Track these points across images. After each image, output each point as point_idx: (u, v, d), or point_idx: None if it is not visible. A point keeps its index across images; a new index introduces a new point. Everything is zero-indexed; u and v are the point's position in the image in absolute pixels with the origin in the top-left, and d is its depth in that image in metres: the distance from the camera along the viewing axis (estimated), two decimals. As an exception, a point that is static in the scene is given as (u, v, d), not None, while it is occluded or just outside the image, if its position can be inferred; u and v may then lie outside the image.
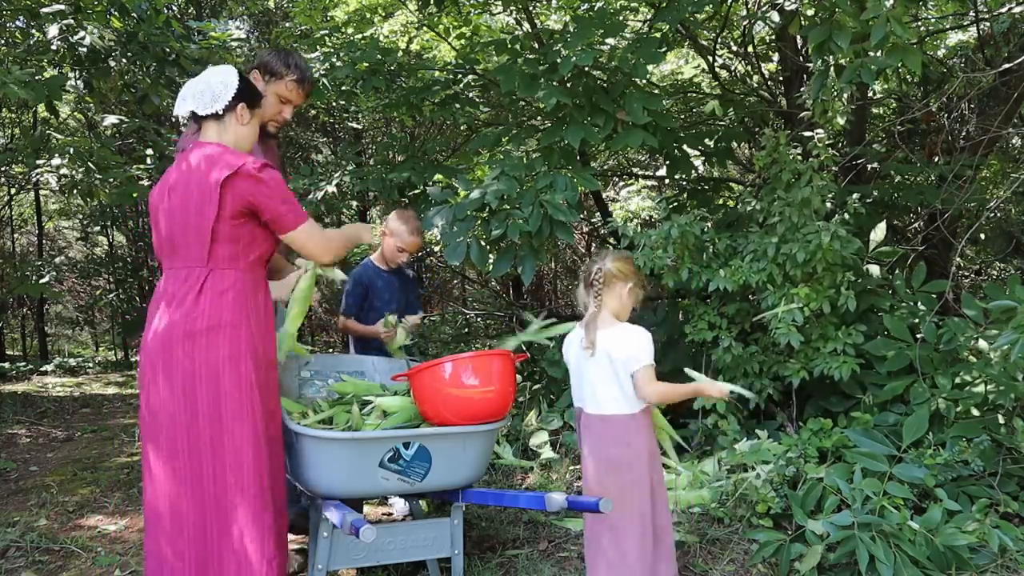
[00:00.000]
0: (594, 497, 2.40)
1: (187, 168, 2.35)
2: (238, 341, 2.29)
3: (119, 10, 5.52)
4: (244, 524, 2.25)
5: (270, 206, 2.32)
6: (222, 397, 2.26)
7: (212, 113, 2.40)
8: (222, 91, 2.40)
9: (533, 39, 4.78)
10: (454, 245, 3.73)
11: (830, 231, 3.34)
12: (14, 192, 10.94)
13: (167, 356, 2.27)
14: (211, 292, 2.29)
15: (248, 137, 2.48)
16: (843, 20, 3.23)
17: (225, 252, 2.31)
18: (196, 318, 2.27)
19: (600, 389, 2.45)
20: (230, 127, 2.43)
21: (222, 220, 2.29)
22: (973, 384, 3.29)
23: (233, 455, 2.26)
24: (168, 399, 2.27)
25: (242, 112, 2.43)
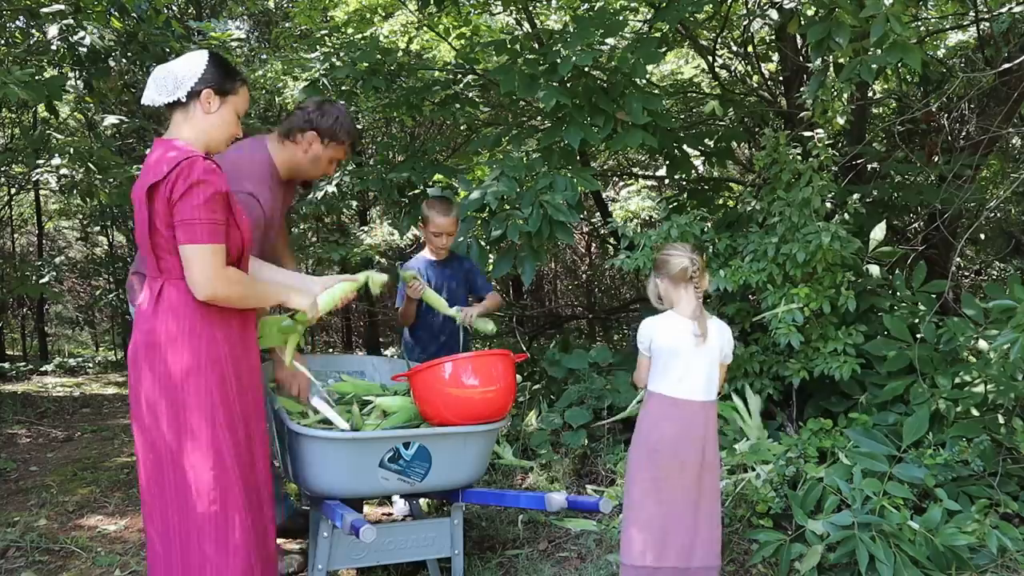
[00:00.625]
0: (594, 497, 2.41)
1: (142, 171, 2.19)
2: (198, 352, 2.14)
3: (119, 10, 5.52)
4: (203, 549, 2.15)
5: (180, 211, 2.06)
6: (181, 410, 2.14)
7: (174, 100, 2.19)
8: (185, 76, 2.18)
9: (533, 39, 4.78)
10: (455, 245, 3.73)
11: (830, 231, 3.34)
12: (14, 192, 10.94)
13: (136, 370, 2.20)
14: (166, 303, 2.15)
15: (219, 127, 2.25)
16: (842, 18, 3.23)
17: (173, 263, 2.13)
18: (154, 331, 2.15)
19: (713, 378, 2.54)
20: (195, 116, 2.21)
21: (156, 231, 2.11)
22: (973, 384, 3.29)
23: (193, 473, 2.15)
24: (137, 411, 2.22)
25: (208, 99, 2.20)
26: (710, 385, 2.52)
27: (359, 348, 10.27)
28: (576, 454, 3.95)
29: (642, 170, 8.15)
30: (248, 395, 2.28)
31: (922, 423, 3.05)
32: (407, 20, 6.32)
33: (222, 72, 2.25)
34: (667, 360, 2.51)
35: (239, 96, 2.30)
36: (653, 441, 2.50)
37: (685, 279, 2.51)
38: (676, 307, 2.55)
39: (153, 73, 2.24)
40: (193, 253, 2.08)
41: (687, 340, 2.49)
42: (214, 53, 2.28)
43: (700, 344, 2.49)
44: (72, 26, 5.17)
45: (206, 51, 2.27)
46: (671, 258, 2.55)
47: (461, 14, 5.68)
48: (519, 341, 6.21)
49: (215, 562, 2.16)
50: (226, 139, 2.31)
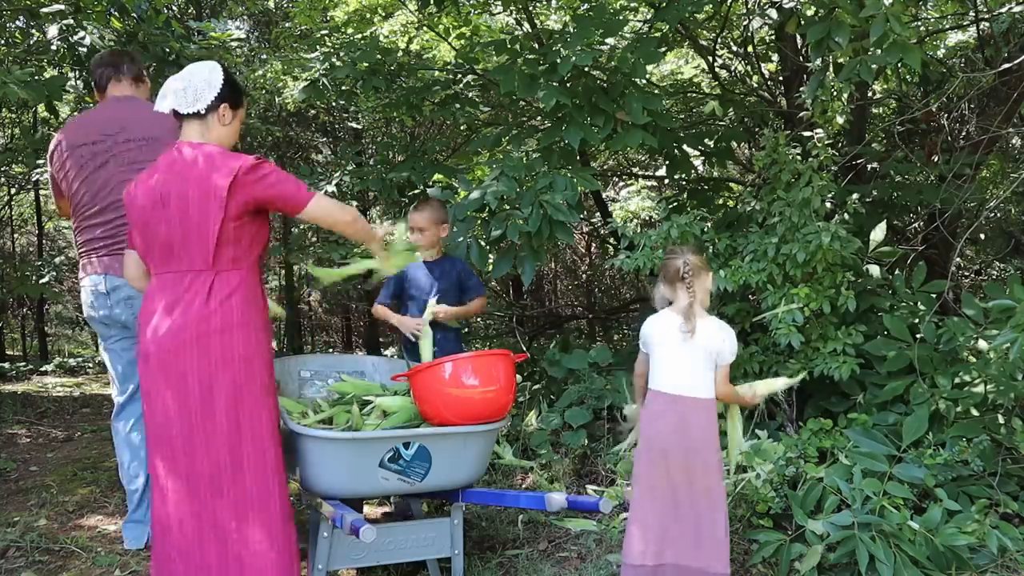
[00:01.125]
0: (594, 497, 2.41)
1: (180, 170, 2.29)
2: (249, 342, 2.30)
3: (119, 10, 5.52)
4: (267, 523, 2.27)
5: (278, 194, 2.30)
6: (239, 395, 2.27)
7: (194, 112, 2.35)
8: (204, 90, 2.35)
9: (533, 39, 4.78)
10: (454, 246, 3.73)
11: (830, 231, 3.34)
12: (14, 192, 10.93)
13: (177, 360, 2.25)
14: (219, 295, 2.28)
15: (230, 138, 2.44)
16: (842, 17, 3.23)
17: (229, 254, 2.30)
18: (208, 320, 2.26)
19: (699, 374, 2.55)
20: (212, 127, 2.38)
21: (227, 223, 2.26)
22: (972, 384, 3.29)
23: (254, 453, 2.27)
24: (179, 404, 2.26)
25: (224, 112, 2.38)
26: (696, 381, 2.55)
27: (359, 348, 10.27)
28: (576, 454, 3.95)
29: (642, 170, 8.15)
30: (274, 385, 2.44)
31: (922, 423, 3.05)
32: (407, 20, 6.32)
33: (235, 88, 2.45)
34: (657, 354, 2.60)
35: (242, 108, 2.51)
36: (646, 437, 2.56)
37: (678, 279, 2.59)
38: (672, 305, 2.63)
39: (170, 82, 2.38)
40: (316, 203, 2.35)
41: (674, 334, 2.56)
42: (225, 67, 2.45)
43: (687, 339, 2.53)
44: (72, 26, 5.16)
45: (219, 66, 2.42)
46: (668, 260, 2.65)
47: (461, 14, 5.68)
48: (519, 341, 6.21)
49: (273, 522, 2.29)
50: (233, 145, 2.48)
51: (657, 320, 2.64)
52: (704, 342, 2.56)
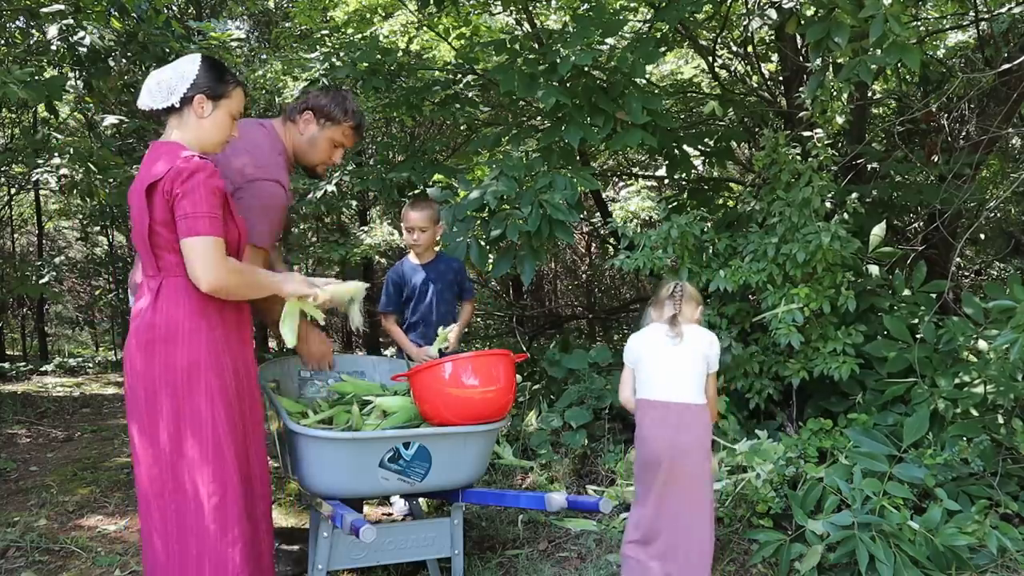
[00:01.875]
0: (594, 497, 2.41)
1: (143, 170, 2.22)
2: (197, 349, 2.18)
3: (119, 10, 5.52)
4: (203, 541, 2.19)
5: (181, 207, 2.11)
6: (180, 409, 2.17)
7: (168, 107, 2.23)
8: (177, 82, 2.22)
9: (533, 39, 4.79)
10: (454, 245, 3.73)
11: (830, 231, 3.34)
12: (14, 192, 10.94)
13: (133, 365, 2.21)
14: (165, 301, 2.18)
15: (212, 132, 2.27)
16: (841, 17, 3.23)
17: (172, 259, 2.18)
18: (152, 328, 2.18)
19: (688, 379, 2.55)
20: (188, 121, 2.24)
21: (156, 228, 2.15)
22: (972, 384, 3.29)
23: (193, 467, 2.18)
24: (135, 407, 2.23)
25: (200, 104, 2.23)
26: (688, 387, 2.54)
27: (359, 348, 10.27)
28: (576, 454, 3.95)
29: (642, 170, 8.15)
30: (245, 390, 2.32)
31: (922, 423, 3.05)
32: (407, 20, 6.32)
33: (214, 77, 2.26)
34: (644, 364, 2.61)
35: (232, 99, 2.31)
36: (637, 441, 2.58)
37: (667, 296, 2.64)
38: (655, 320, 2.67)
39: (148, 78, 2.27)
40: (194, 245, 2.12)
41: (662, 342, 2.57)
42: (207, 57, 2.30)
43: (677, 344, 2.55)
44: (72, 26, 5.17)
45: (199, 55, 2.29)
46: (660, 286, 2.73)
47: (461, 14, 5.68)
48: (519, 341, 6.21)
49: (214, 553, 2.18)
50: (221, 141, 2.33)
51: (642, 334, 2.66)
52: (695, 345, 2.57)
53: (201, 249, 2.12)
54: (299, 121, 2.77)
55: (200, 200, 2.11)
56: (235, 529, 2.21)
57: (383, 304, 3.57)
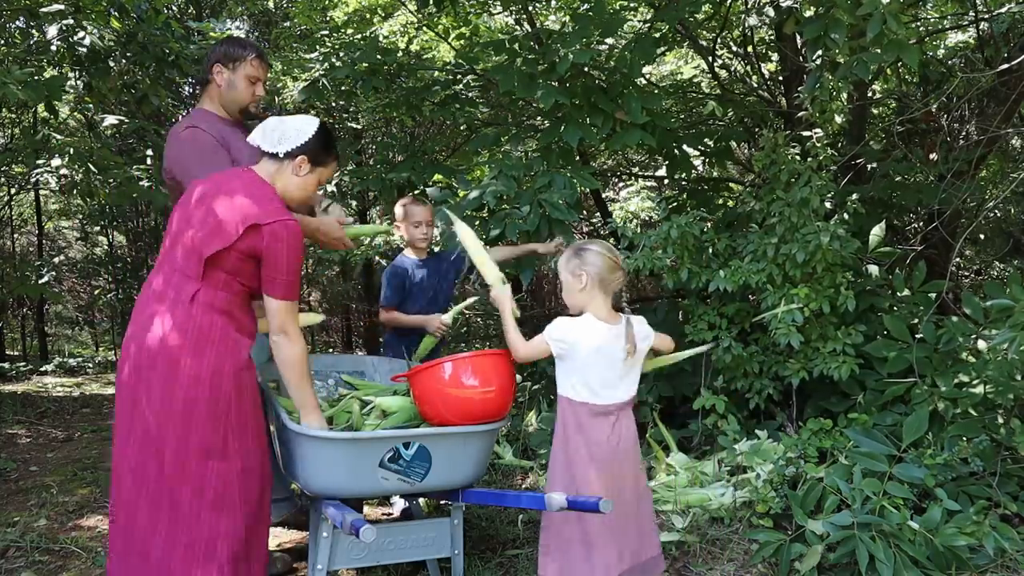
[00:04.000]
0: (594, 497, 2.41)
1: (228, 188, 2.34)
2: (223, 356, 2.29)
3: (119, 10, 5.53)
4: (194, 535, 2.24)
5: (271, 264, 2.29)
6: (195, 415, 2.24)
7: (272, 153, 2.39)
8: (292, 136, 2.39)
9: (532, 39, 4.79)
10: (453, 245, 3.73)
11: (829, 231, 3.34)
12: (14, 192, 10.94)
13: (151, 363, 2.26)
14: (200, 306, 2.28)
15: (297, 191, 2.44)
16: (839, 15, 3.23)
17: (221, 277, 2.31)
18: (184, 329, 2.26)
19: (631, 380, 2.49)
20: (284, 173, 2.41)
21: (230, 253, 2.28)
22: (971, 384, 3.29)
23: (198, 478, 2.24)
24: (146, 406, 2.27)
25: (300, 163, 2.40)
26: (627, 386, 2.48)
27: (359, 348, 10.27)
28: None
29: (642, 170, 8.15)
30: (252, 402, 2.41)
31: (922, 423, 3.05)
32: (407, 20, 6.32)
33: (323, 145, 2.44)
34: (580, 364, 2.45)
35: (328, 169, 2.50)
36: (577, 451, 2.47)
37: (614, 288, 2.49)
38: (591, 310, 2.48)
39: (267, 121, 2.44)
40: (280, 307, 2.33)
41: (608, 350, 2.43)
42: (324, 123, 2.47)
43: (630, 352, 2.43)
44: (72, 26, 5.17)
45: (319, 120, 2.45)
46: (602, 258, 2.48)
47: (460, 14, 5.68)
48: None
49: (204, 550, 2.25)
50: (302, 201, 2.51)
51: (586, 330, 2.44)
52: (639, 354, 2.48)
53: (286, 311, 2.34)
54: (213, 76, 2.99)
55: (294, 265, 2.32)
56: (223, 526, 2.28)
57: (387, 299, 3.54)
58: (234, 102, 3.00)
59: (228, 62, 2.95)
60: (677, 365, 4.03)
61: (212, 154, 2.84)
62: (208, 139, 2.87)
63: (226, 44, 2.99)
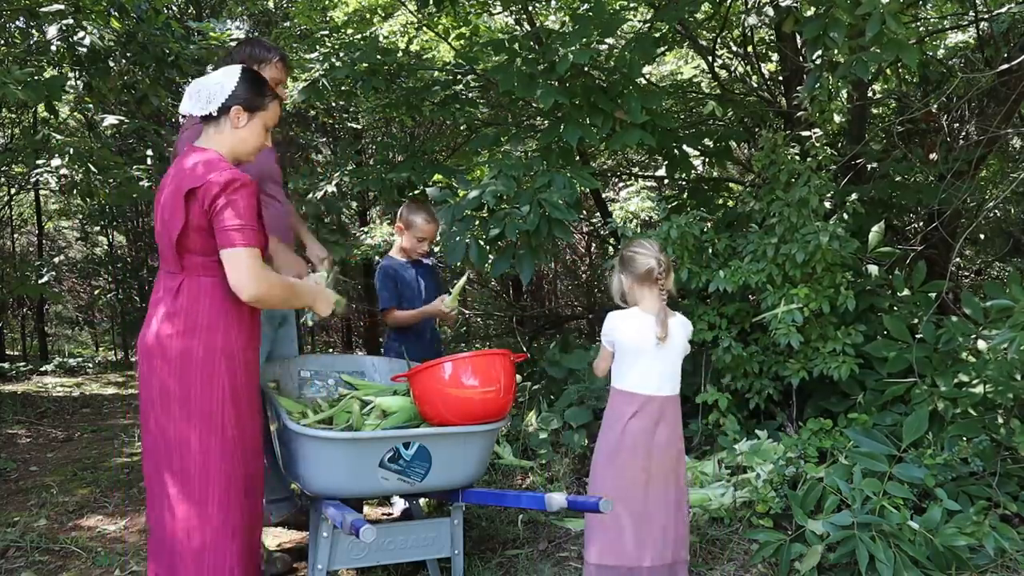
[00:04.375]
0: (594, 497, 2.41)
1: (172, 173, 2.32)
2: (213, 345, 2.27)
3: (119, 10, 5.53)
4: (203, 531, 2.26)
5: (222, 218, 2.21)
6: (194, 399, 2.25)
7: (207, 115, 2.32)
8: (217, 92, 2.31)
9: (532, 39, 4.79)
10: (453, 245, 3.73)
11: (829, 231, 3.34)
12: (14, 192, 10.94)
13: (149, 360, 2.29)
14: (185, 298, 2.27)
15: (247, 142, 2.37)
16: (838, 14, 3.23)
17: (197, 261, 2.28)
18: (172, 322, 2.27)
19: (673, 374, 2.57)
20: (224, 130, 2.34)
21: (188, 232, 2.24)
22: (971, 384, 3.29)
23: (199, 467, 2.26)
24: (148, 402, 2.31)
25: (237, 115, 2.32)
26: (669, 380, 2.58)
27: (359, 348, 10.27)
28: (576, 454, 3.95)
29: (642, 170, 8.15)
30: (251, 388, 2.40)
31: (922, 423, 3.05)
32: (407, 20, 6.32)
33: (252, 89, 2.36)
34: (629, 358, 2.58)
35: (268, 111, 2.41)
36: (617, 438, 2.56)
37: (651, 279, 2.56)
38: (640, 305, 2.60)
39: (190, 85, 2.37)
40: (237, 256, 2.22)
41: (650, 339, 2.54)
42: (247, 70, 2.40)
43: (662, 344, 2.54)
44: (72, 26, 5.17)
45: (239, 67, 2.38)
46: (637, 257, 2.59)
47: (460, 14, 5.68)
48: (519, 341, 6.21)
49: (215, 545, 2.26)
50: (253, 151, 2.43)
51: (629, 320, 2.59)
52: (678, 342, 2.58)
53: (243, 260, 2.22)
54: None
55: (241, 212, 2.21)
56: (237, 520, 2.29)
57: (386, 301, 3.52)
58: None
59: (253, 62, 2.92)
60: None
61: None
62: None
63: (251, 46, 2.97)
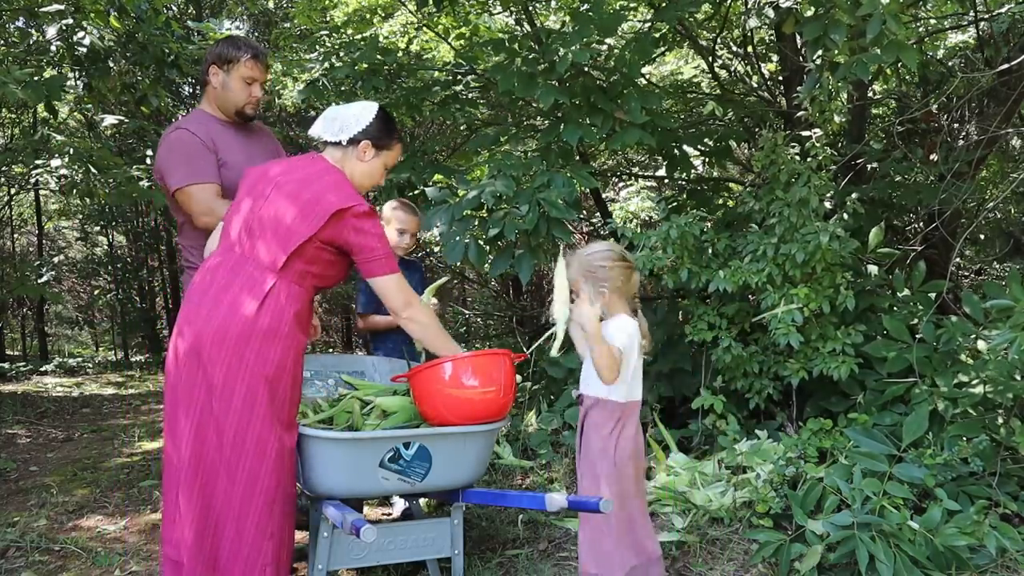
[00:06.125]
0: (595, 497, 2.41)
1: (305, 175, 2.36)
2: (289, 350, 2.34)
3: (119, 10, 5.53)
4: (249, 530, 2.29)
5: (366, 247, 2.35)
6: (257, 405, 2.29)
7: (335, 142, 2.43)
8: (352, 124, 2.43)
9: (532, 39, 4.79)
10: (452, 245, 3.73)
11: (829, 231, 3.34)
12: (14, 192, 10.94)
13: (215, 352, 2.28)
14: (275, 300, 2.32)
15: (365, 176, 2.48)
16: (839, 15, 3.23)
17: (299, 268, 2.34)
18: (256, 321, 2.29)
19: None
20: (349, 160, 2.45)
21: (313, 241, 2.32)
22: (971, 384, 3.29)
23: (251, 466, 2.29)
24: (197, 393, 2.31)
25: (365, 149, 2.44)
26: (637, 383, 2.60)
27: (359, 348, 10.27)
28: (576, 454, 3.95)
29: (642, 170, 8.15)
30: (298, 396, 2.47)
31: (922, 423, 3.05)
32: (406, 20, 6.32)
33: (384, 129, 2.48)
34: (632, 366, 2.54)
35: (392, 152, 2.54)
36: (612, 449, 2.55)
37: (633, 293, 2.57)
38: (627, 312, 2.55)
39: (327, 111, 2.48)
40: (389, 283, 2.41)
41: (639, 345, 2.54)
42: (383, 108, 2.49)
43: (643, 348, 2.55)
44: (72, 26, 5.17)
45: (377, 105, 2.48)
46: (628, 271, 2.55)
47: (460, 14, 5.68)
48: (519, 341, 6.21)
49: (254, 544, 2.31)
50: (369, 186, 2.54)
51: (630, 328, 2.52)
52: None
53: (396, 285, 2.42)
54: (209, 77, 2.99)
55: (379, 243, 2.38)
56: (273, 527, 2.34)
57: (364, 305, 3.54)
58: (229, 103, 3.00)
59: (223, 63, 2.95)
60: (677, 365, 4.06)
61: (196, 157, 2.85)
62: (194, 142, 2.87)
63: (222, 45, 2.99)
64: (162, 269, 12.54)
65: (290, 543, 2.46)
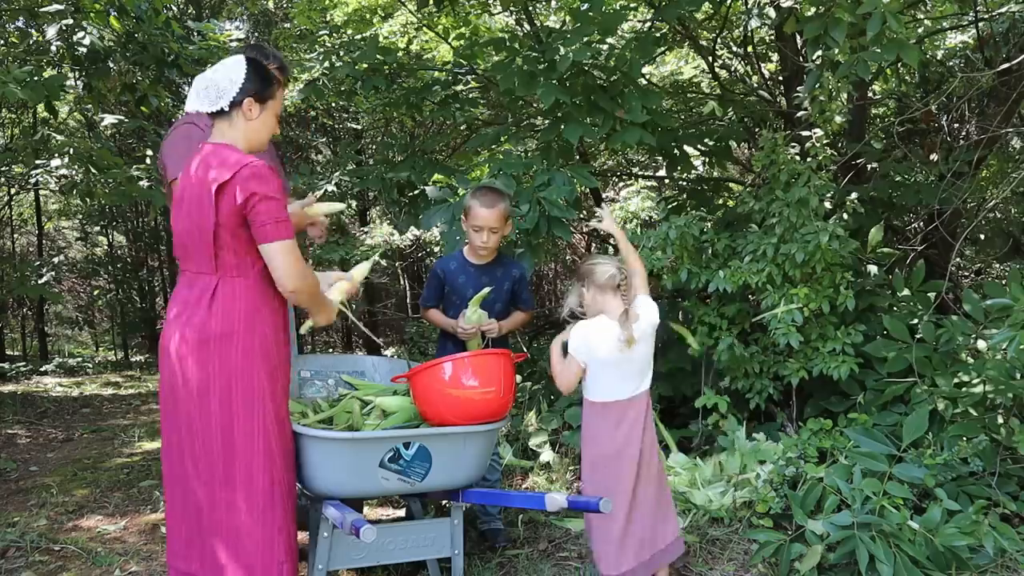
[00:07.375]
0: (595, 497, 2.41)
1: (195, 169, 2.28)
2: (250, 350, 2.27)
3: (119, 10, 5.52)
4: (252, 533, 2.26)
5: (259, 213, 2.19)
6: (233, 408, 2.26)
7: (218, 110, 2.29)
8: (227, 87, 2.28)
9: (532, 38, 4.79)
10: (452, 244, 3.73)
11: (828, 231, 3.34)
12: (14, 192, 10.94)
13: (181, 363, 2.27)
14: (222, 301, 2.26)
15: (259, 132, 2.35)
16: (839, 14, 3.23)
17: (231, 260, 2.26)
18: (207, 326, 2.25)
19: (644, 373, 2.58)
20: (237, 124, 2.30)
21: (221, 227, 2.21)
22: (971, 384, 3.29)
23: (244, 469, 2.27)
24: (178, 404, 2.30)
25: (249, 107, 2.29)
26: (641, 380, 2.58)
27: (359, 348, 10.27)
28: (576, 454, 3.95)
29: (642, 170, 8.15)
30: (285, 388, 2.41)
31: (922, 423, 3.05)
32: (407, 20, 6.32)
33: (260, 79, 2.33)
34: (602, 368, 2.54)
35: (276, 99, 2.40)
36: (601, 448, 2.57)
37: (613, 286, 2.53)
38: (607, 314, 2.55)
39: (195, 82, 2.34)
40: (277, 250, 2.22)
41: (616, 346, 2.50)
42: (251, 59, 2.35)
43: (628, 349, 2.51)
44: (72, 26, 5.17)
45: (243, 58, 2.34)
46: (597, 267, 2.57)
47: (460, 14, 5.68)
48: (519, 341, 6.21)
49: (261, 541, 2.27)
50: (267, 140, 2.42)
51: (599, 332, 2.53)
52: (644, 347, 2.55)
53: (284, 253, 2.23)
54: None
55: (274, 206, 2.21)
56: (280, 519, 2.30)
57: (423, 298, 3.23)
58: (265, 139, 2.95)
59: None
60: (677, 365, 4.06)
61: None
62: (201, 136, 2.85)
63: (250, 52, 2.93)
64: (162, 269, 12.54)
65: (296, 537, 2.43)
